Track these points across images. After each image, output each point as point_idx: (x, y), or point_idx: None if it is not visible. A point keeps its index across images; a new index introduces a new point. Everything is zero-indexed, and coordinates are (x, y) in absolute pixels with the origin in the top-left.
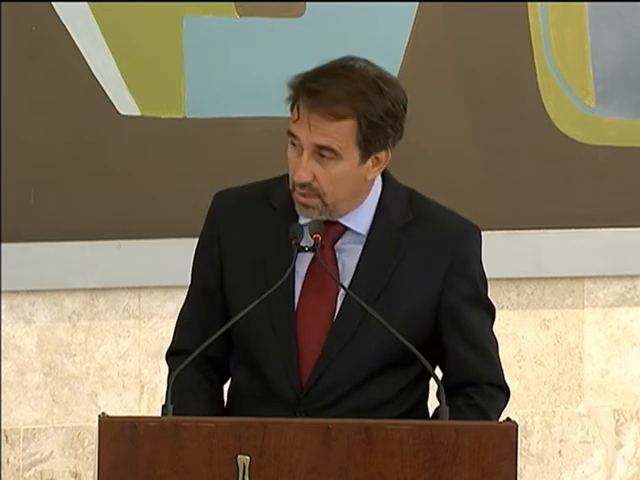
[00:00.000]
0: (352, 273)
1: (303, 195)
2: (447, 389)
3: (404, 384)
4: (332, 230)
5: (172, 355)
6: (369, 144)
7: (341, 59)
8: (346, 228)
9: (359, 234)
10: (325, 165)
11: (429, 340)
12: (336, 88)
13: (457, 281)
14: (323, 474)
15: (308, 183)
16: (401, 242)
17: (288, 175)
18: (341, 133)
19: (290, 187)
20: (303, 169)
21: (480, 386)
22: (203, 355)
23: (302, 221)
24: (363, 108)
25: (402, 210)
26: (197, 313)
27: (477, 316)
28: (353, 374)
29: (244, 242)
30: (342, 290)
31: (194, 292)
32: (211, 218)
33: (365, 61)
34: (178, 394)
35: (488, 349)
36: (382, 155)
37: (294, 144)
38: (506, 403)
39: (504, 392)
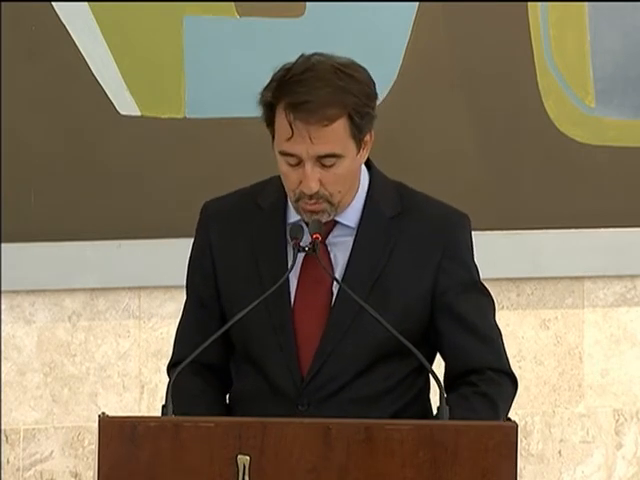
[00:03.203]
0: (344, 266)
1: (313, 204)
2: (451, 379)
3: (405, 373)
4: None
5: (173, 367)
6: (360, 133)
7: (295, 62)
8: (336, 222)
9: (349, 227)
10: (328, 169)
11: (427, 330)
12: (319, 92)
13: (451, 268)
14: (323, 474)
15: (316, 192)
16: (391, 233)
17: (273, 178)
18: (338, 135)
19: (293, 199)
20: (311, 180)
21: (482, 372)
22: (203, 363)
23: (291, 219)
24: (350, 102)
25: (391, 202)
26: (196, 324)
27: (473, 301)
28: (352, 364)
29: (236, 247)
30: (336, 283)
31: (191, 304)
32: (201, 228)
33: (317, 54)
34: (180, 399)
35: (488, 334)
36: (368, 137)
37: (290, 163)
38: (515, 390)
39: (510, 378)
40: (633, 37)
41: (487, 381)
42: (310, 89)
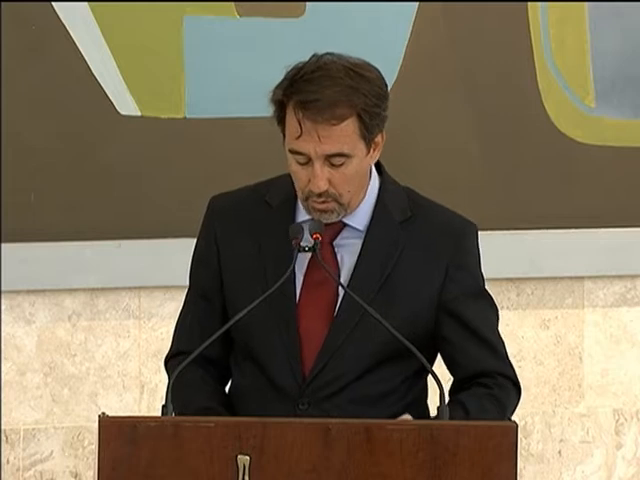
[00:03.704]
0: (352, 268)
1: (321, 203)
2: (459, 383)
3: (405, 376)
4: (330, 227)
5: (172, 358)
6: (370, 133)
7: (308, 61)
8: (344, 224)
9: (358, 230)
10: (337, 168)
11: (431, 335)
12: (328, 91)
13: (458, 275)
14: (323, 474)
15: (325, 191)
16: (400, 238)
17: (282, 177)
18: (347, 134)
19: (302, 198)
20: (320, 179)
21: (493, 377)
22: (203, 356)
23: (300, 219)
24: (360, 102)
25: (401, 206)
26: (197, 317)
27: (481, 309)
28: (356, 365)
29: (242, 242)
30: (342, 282)
31: (193, 297)
32: (207, 222)
33: (329, 54)
34: (181, 390)
35: (495, 343)
36: (379, 138)
37: (300, 162)
38: (518, 399)
39: (516, 387)
40: (633, 37)
41: (498, 386)
42: (320, 88)
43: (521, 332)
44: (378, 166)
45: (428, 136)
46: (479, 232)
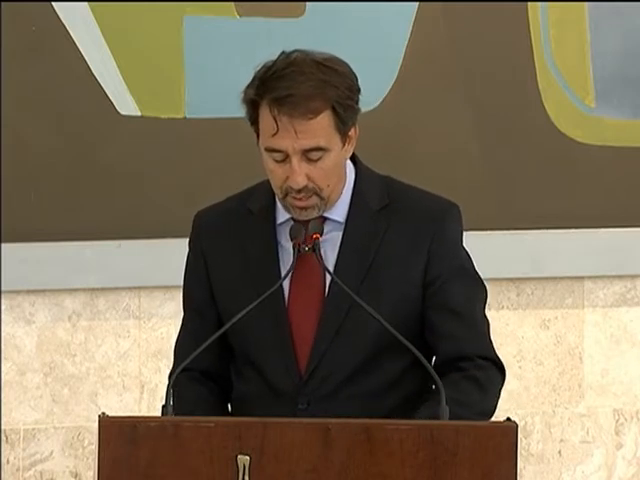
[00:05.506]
0: (335, 262)
1: (300, 199)
2: (439, 365)
3: (405, 367)
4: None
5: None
6: (345, 126)
7: (277, 59)
8: (325, 218)
9: (338, 222)
10: (314, 163)
11: (422, 320)
12: (302, 86)
13: (440, 255)
14: (323, 474)
15: (305, 186)
16: (379, 226)
17: (262, 182)
18: (323, 127)
19: (281, 196)
20: (298, 175)
21: (472, 359)
22: (202, 371)
23: (280, 219)
24: (333, 94)
25: (378, 194)
26: (195, 334)
27: (462, 288)
28: (349, 360)
29: (228, 252)
30: (328, 277)
31: (189, 314)
32: (194, 238)
33: (298, 51)
34: (180, 407)
35: (475, 321)
36: (352, 132)
37: (276, 159)
38: (503, 377)
39: (497, 366)
40: (633, 37)
41: (477, 367)
42: (293, 83)
43: (521, 332)
44: (353, 157)
45: (428, 136)
46: (480, 232)
